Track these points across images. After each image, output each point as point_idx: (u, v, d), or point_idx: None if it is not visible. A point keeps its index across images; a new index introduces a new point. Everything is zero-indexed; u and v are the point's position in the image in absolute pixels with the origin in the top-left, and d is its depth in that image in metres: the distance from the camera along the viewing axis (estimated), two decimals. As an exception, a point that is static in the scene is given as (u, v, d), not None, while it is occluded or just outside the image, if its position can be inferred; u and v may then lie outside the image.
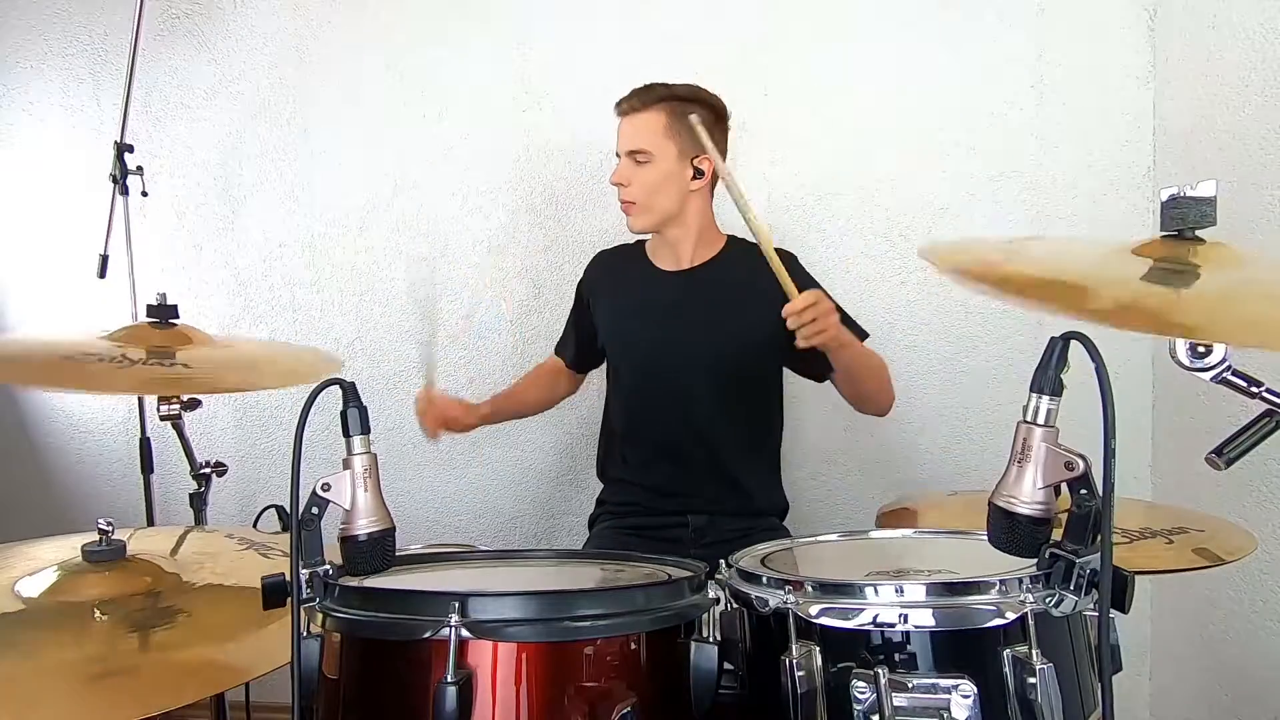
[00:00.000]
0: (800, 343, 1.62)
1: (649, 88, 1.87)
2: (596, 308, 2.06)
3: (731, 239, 1.99)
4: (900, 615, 0.94)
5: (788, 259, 1.95)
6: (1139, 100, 2.25)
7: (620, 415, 2.04)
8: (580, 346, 2.12)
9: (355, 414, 1.03)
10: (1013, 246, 0.94)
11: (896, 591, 0.97)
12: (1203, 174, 0.81)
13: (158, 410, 1.92)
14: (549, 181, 2.49)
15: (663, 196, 1.87)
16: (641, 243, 2.04)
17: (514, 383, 2.22)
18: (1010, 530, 0.95)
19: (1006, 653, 0.93)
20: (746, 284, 1.91)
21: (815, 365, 1.90)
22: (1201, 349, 0.84)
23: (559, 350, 2.17)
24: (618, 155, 1.90)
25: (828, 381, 1.91)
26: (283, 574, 1.01)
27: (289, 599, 1.00)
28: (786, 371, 2.01)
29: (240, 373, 1.65)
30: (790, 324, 1.61)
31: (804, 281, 1.90)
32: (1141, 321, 0.99)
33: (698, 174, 1.88)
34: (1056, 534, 0.95)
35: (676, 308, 1.93)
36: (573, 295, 2.14)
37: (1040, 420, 0.93)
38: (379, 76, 2.55)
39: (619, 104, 1.89)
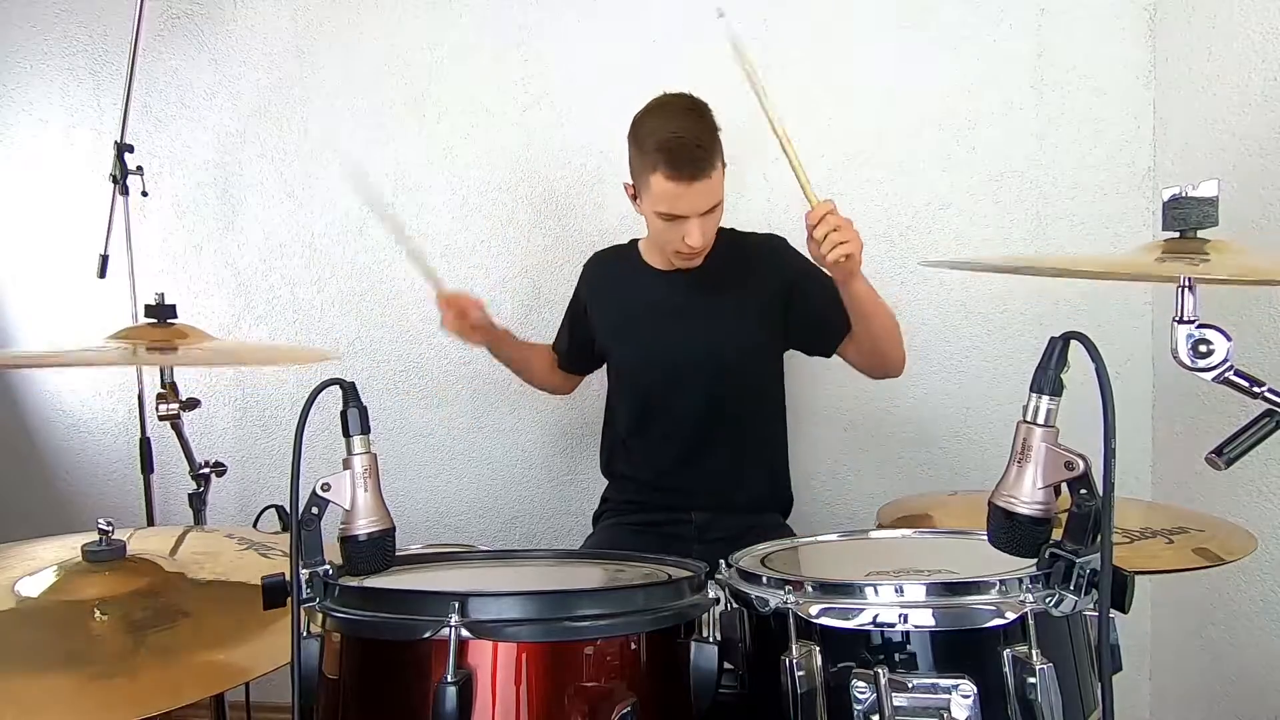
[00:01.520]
0: (829, 258, 1.59)
1: (701, 146, 1.71)
2: (593, 311, 2.06)
3: (720, 230, 1.92)
4: (900, 615, 0.94)
5: (777, 241, 1.96)
6: (1139, 100, 2.25)
7: (622, 415, 2.04)
8: (573, 347, 2.13)
9: (355, 414, 1.03)
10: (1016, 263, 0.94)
11: (896, 591, 0.97)
12: (1203, 174, 0.80)
13: (157, 410, 1.92)
14: (549, 181, 2.49)
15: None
16: (635, 241, 2.05)
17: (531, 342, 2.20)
18: (1010, 530, 0.95)
19: (1006, 653, 0.93)
20: (740, 276, 1.91)
21: (825, 335, 1.90)
22: (1204, 348, 0.84)
23: (555, 345, 2.17)
24: (672, 217, 1.74)
25: (835, 357, 1.91)
26: (283, 574, 1.01)
27: (289, 599, 1.00)
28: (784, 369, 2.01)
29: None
30: (816, 234, 1.59)
31: (799, 262, 1.89)
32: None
33: None
34: (1056, 534, 0.96)
35: (672, 307, 1.93)
36: (572, 295, 2.14)
37: (1040, 420, 0.93)
38: (379, 77, 2.55)
39: (684, 174, 1.69)
